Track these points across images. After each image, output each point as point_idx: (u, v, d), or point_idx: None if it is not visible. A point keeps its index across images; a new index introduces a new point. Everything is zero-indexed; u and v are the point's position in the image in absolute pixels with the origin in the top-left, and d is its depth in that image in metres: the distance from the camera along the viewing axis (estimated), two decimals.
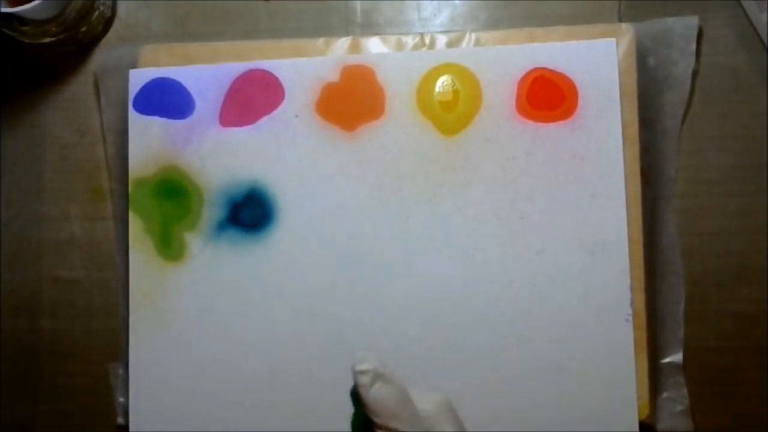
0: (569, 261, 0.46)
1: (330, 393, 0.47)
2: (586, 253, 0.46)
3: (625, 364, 0.45)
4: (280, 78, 0.49)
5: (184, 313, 0.48)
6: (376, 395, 0.40)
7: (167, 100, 0.49)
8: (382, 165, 0.48)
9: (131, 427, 0.49)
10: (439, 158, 0.47)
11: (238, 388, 0.48)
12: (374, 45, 0.49)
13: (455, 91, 0.48)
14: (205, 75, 0.49)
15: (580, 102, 0.47)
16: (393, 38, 0.49)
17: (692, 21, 0.48)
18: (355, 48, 0.49)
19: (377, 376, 0.40)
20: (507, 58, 0.48)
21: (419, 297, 0.47)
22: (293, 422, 0.47)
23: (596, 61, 0.47)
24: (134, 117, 0.49)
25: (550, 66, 0.47)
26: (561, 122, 0.47)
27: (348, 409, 0.43)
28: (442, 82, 0.48)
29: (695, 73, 0.48)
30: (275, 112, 0.49)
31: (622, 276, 0.46)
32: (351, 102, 0.48)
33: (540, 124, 0.47)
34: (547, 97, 0.47)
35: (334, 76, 0.49)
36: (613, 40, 0.47)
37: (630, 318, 0.46)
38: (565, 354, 0.46)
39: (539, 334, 0.46)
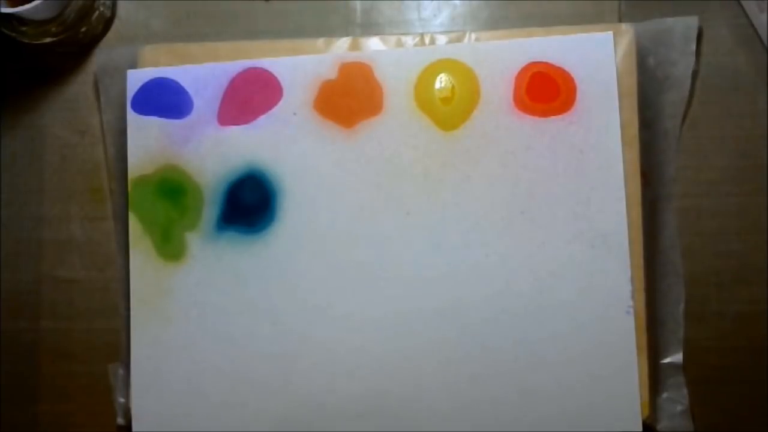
0: (570, 254, 0.46)
1: (333, 390, 0.47)
2: (586, 245, 0.46)
3: (626, 357, 0.45)
4: (278, 76, 0.49)
5: (184, 313, 0.48)
6: None
7: (165, 99, 0.49)
8: (381, 161, 0.48)
9: (134, 428, 0.49)
10: (437, 154, 0.47)
11: (240, 388, 0.48)
12: (374, 45, 0.49)
13: (453, 87, 0.48)
14: (202, 74, 0.49)
15: (578, 95, 0.47)
16: (393, 38, 0.49)
17: (692, 21, 0.48)
18: (355, 48, 0.49)
19: None
20: (504, 53, 0.48)
21: (420, 292, 0.47)
22: (295, 420, 0.47)
23: (593, 54, 0.47)
24: (132, 117, 0.50)
25: (548, 60, 0.47)
26: (559, 116, 0.47)
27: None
28: (440, 78, 0.48)
29: (695, 73, 0.48)
30: (273, 110, 0.49)
31: (622, 268, 0.46)
32: (349, 99, 0.48)
33: (538, 118, 0.47)
34: (545, 91, 0.47)
35: (331, 74, 0.49)
36: (610, 33, 0.47)
37: (631, 310, 0.46)
38: (566, 347, 0.46)
39: (540, 327, 0.46)
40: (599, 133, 0.46)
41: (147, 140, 0.49)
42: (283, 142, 0.48)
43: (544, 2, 0.50)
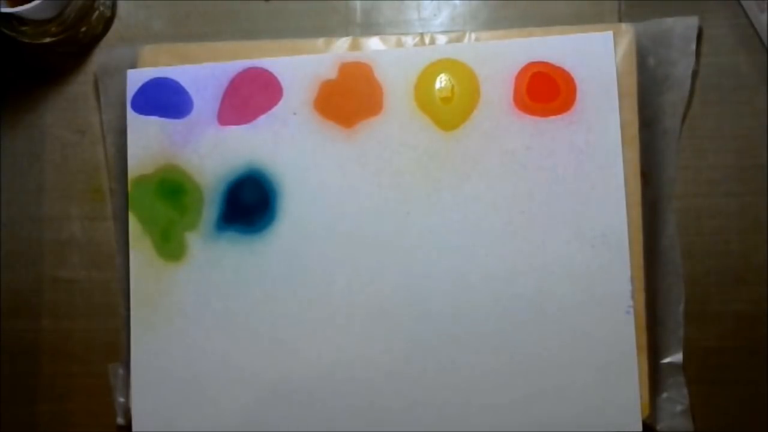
0: (570, 253, 0.46)
1: (334, 390, 0.47)
2: (586, 245, 0.46)
3: (626, 357, 0.45)
4: (278, 76, 0.49)
5: (184, 313, 0.48)
6: None
7: (165, 99, 0.49)
8: (381, 161, 0.48)
9: (134, 428, 0.49)
10: (437, 154, 0.47)
11: (240, 387, 0.48)
12: (374, 45, 0.49)
13: (453, 87, 0.48)
14: (202, 74, 0.49)
15: (578, 95, 0.47)
16: (393, 38, 0.49)
17: (692, 21, 0.48)
18: (355, 48, 0.49)
19: None
20: (504, 53, 0.48)
21: (420, 291, 0.47)
22: (295, 420, 0.47)
23: (593, 54, 0.47)
24: (132, 117, 0.50)
25: (548, 60, 0.47)
26: (559, 116, 0.47)
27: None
28: (440, 78, 0.48)
29: (695, 73, 0.48)
30: (273, 110, 0.49)
31: (622, 267, 0.46)
32: (349, 99, 0.48)
33: (538, 117, 0.47)
34: (544, 90, 0.47)
35: (332, 74, 0.49)
36: (610, 32, 0.47)
37: (631, 310, 0.46)
38: (566, 347, 0.46)
39: (540, 327, 0.46)
40: (599, 133, 0.46)
41: (147, 140, 0.49)
42: (283, 142, 0.48)
43: (543, 2, 0.50)
